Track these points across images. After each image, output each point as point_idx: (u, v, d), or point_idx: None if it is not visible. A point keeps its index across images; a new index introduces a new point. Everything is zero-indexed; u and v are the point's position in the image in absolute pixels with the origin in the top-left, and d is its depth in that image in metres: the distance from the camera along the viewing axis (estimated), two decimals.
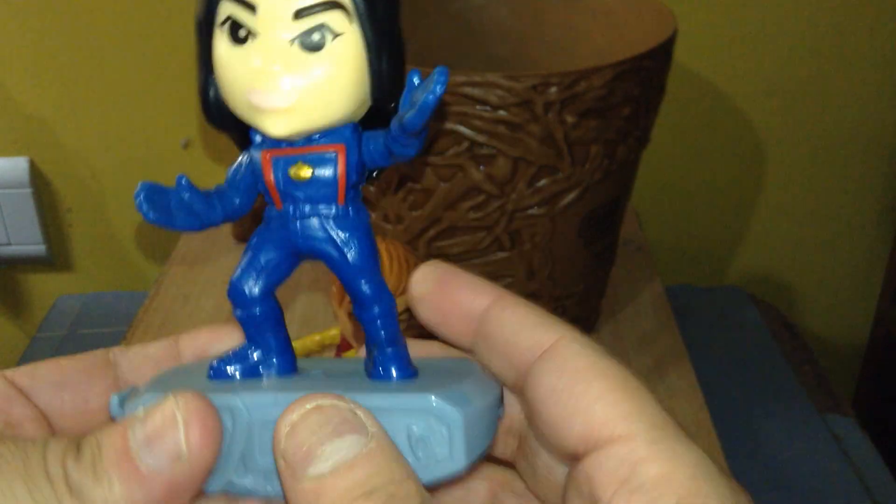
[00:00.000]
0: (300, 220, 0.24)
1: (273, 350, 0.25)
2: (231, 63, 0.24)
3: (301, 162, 0.23)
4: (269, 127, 0.23)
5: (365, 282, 0.24)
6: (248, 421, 0.23)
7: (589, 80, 0.49)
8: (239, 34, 0.23)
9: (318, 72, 0.22)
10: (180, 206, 0.25)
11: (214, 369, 0.25)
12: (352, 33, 0.22)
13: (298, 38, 0.22)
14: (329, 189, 0.23)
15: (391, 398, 0.22)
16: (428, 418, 0.22)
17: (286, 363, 0.25)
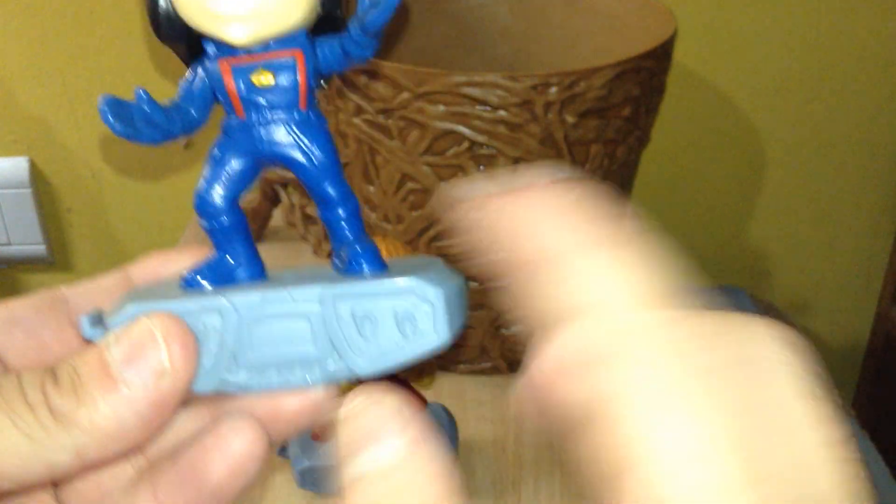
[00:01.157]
0: (264, 127, 0.24)
1: (243, 257, 0.25)
2: None
3: (262, 68, 0.24)
4: (230, 34, 0.23)
5: (329, 184, 0.24)
6: (238, 319, 0.23)
7: (589, 80, 0.49)
8: None
9: None
10: (142, 118, 0.25)
11: (187, 280, 0.25)
12: None
13: None
14: (291, 94, 0.24)
15: (375, 284, 0.23)
16: (411, 297, 0.23)
17: (257, 271, 0.25)
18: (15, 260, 0.90)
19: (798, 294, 0.96)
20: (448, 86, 0.48)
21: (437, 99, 0.48)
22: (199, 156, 0.87)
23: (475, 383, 0.61)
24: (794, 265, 0.94)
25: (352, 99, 0.52)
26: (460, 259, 0.54)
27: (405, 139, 0.51)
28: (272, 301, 0.23)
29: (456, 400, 0.58)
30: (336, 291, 0.23)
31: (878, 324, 0.94)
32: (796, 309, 0.96)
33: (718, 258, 0.94)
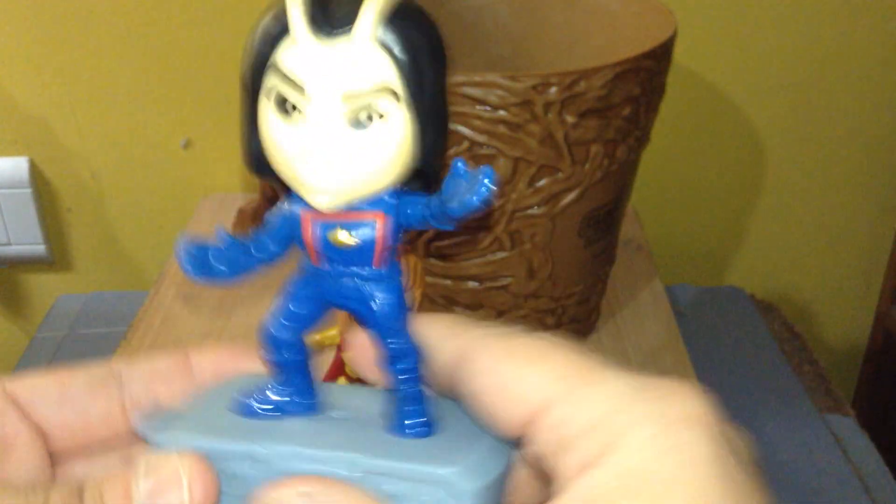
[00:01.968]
0: (336, 279, 0.25)
1: (298, 391, 0.26)
2: (277, 134, 0.23)
3: (341, 227, 0.24)
4: (315, 201, 0.23)
5: (392, 339, 0.25)
6: (268, 469, 0.24)
7: (589, 80, 0.49)
8: (286, 106, 0.23)
9: (365, 152, 0.22)
10: (219, 257, 0.25)
11: (240, 405, 0.26)
12: (399, 113, 0.22)
13: (346, 117, 0.22)
14: (367, 253, 0.24)
15: (410, 465, 0.23)
16: (440, 492, 0.23)
17: (311, 405, 0.26)
18: (15, 260, 0.90)
19: (798, 294, 0.96)
20: (448, 86, 0.48)
21: None
22: (201, 156, 0.87)
23: None
24: (794, 265, 0.94)
25: None
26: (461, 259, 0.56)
27: None
28: (305, 458, 0.23)
29: None
30: (369, 464, 0.23)
31: (878, 324, 0.94)
32: (796, 309, 0.96)
33: (718, 258, 0.94)
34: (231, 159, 0.87)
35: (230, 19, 0.80)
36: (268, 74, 0.23)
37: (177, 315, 0.68)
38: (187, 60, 0.82)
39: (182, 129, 0.86)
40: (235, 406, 0.26)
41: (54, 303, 0.82)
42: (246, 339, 0.69)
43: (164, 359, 0.28)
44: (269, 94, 0.23)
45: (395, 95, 0.22)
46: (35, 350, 0.75)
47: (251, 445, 0.24)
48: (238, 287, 0.72)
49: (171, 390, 0.27)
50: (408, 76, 0.22)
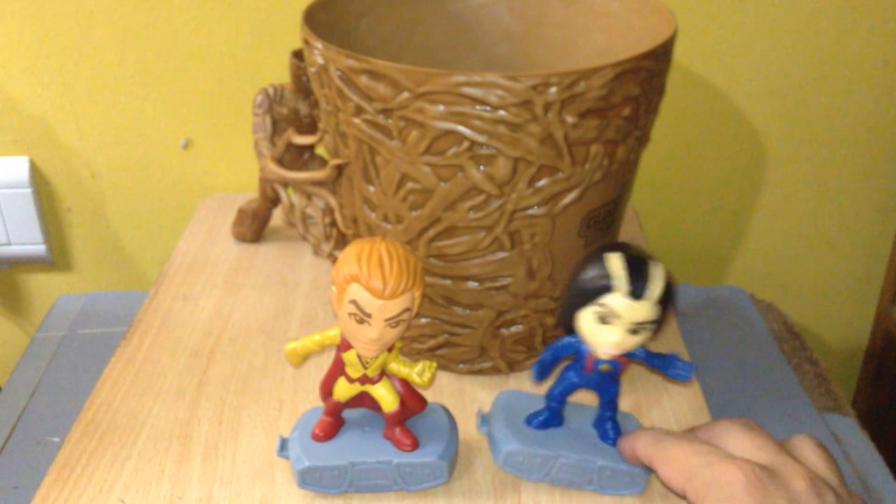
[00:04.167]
0: (595, 381, 0.51)
1: (555, 416, 0.52)
2: (593, 330, 0.47)
3: (605, 364, 0.49)
4: (599, 353, 0.49)
5: (610, 400, 0.51)
6: (548, 462, 0.51)
7: (589, 80, 0.49)
8: (604, 319, 0.46)
9: (632, 341, 0.47)
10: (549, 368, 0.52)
11: (527, 420, 0.53)
12: (651, 327, 0.46)
13: (629, 330, 0.46)
14: (614, 373, 0.50)
15: (614, 464, 0.50)
16: (626, 477, 0.51)
17: (560, 421, 0.52)
18: (15, 260, 0.90)
19: (798, 294, 0.96)
20: (448, 86, 0.48)
21: (437, 99, 0.48)
22: (201, 156, 0.87)
23: (475, 383, 0.61)
24: (794, 265, 0.94)
25: (352, 99, 0.52)
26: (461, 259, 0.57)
27: (405, 139, 0.51)
28: (569, 457, 0.51)
29: (456, 400, 0.58)
30: (599, 462, 0.50)
31: (878, 324, 0.94)
32: (796, 309, 0.96)
33: (718, 258, 0.94)
34: (231, 159, 0.87)
35: (230, 20, 0.80)
36: (594, 304, 0.46)
37: (177, 315, 0.68)
38: (187, 60, 0.82)
39: (182, 129, 0.86)
40: (528, 421, 0.52)
41: (54, 303, 0.82)
42: (244, 340, 0.69)
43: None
44: (595, 312, 0.46)
45: (653, 322, 0.46)
46: (35, 350, 0.75)
47: (547, 449, 0.50)
48: (238, 287, 0.72)
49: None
50: (662, 316, 0.46)
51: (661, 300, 0.45)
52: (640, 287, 0.45)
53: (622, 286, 0.45)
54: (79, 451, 0.54)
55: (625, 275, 0.45)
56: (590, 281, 0.46)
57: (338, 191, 0.60)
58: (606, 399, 0.51)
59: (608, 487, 0.51)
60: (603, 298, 0.45)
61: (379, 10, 0.65)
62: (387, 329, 0.46)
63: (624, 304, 0.45)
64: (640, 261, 0.45)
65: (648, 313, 0.46)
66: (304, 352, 0.50)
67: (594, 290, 0.46)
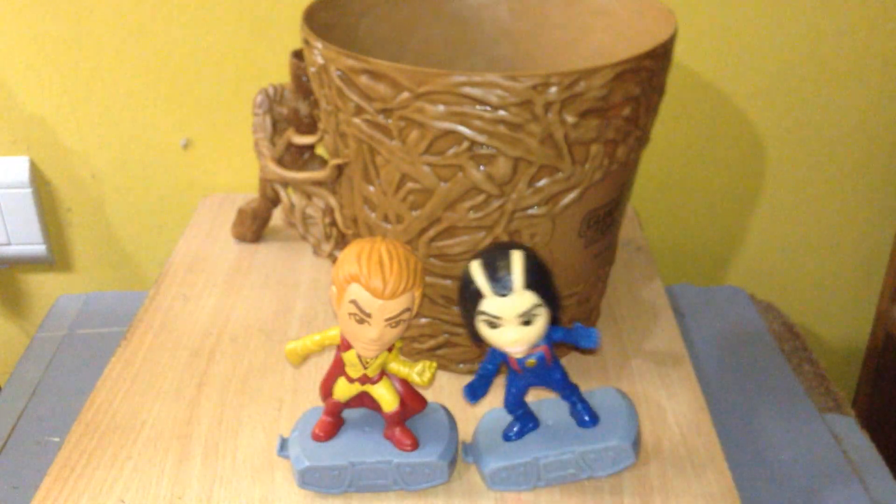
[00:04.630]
0: (530, 377, 0.50)
1: (529, 421, 0.52)
2: (490, 335, 0.47)
3: (530, 358, 0.49)
4: (512, 353, 0.48)
5: (564, 390, 0.51)
6: (534, 464, 0.51)
7: (589, 80, 0.49)
8: (492, 324, 0.46)
9: (533, 332, 0.47)
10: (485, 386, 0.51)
11: (504, 436, 0.53)
12: (543, 310, 0.47)
13: (521, 322, 0.46)
14: (542, 362, 0.49)
15: (594, 444, 0.50)
16: (611, 451, 0.50)
17: (536, 424, 0.52)
18: (15, 260, 0.90)
19: (798, 294, 0.96)
20: (448, 86, 0.48)
21: (437, 99, 0.48)
22: (201, 156, 0.87)
23: None
24: (794, 265, 0.94)
25: (352, 99, 0.52)
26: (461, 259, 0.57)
27: (405, 139, 0.51)
28: (550, 455, 0.51)
29: (456, 400, 0.58)
30: (579, 448, 0.50)
31: (878, 324, 0.94)
32: (796, 309, 0.96)
33: (718, 258, 0.94)
34: (231, 159, 0.87)
35: (230, 20, 0.80)
36: (478, 313, 0.46)
37: (177, 315, 0.68)
38: (187, 60, 0.82)
39: (182, 129, 0.86)
40: (505, 437, 0.51)
41: (54, 303, 0.82)
42: (244, 340, 0.69)
43: None
44: (482, 322, 0.47)
45: (538, 306, 0.46)
46: (35, 350, 0.75)
47: (524, 457, 0.50)
48: (238, 287, 0.72)
49: None
50: (543, 297, 0.46)
51: (530, 285, 0.45)
52: (500, 284, 0.45)
53: (486, 289, 0.45)
54: (79, 451, 0.54)
55: (484, 278, 0.45)
56: (463, 294, 0.47)
57: (338, 191, 0.60)
58: (558, 387, 0.50)
59: (599, 469, 0.50)
60: (480, 307, 0.46)
61: (379, 10, 0.65)
62: (387, 329, 0.46)
63: (496, 304, 0.46)
64: (496, 257, 0.46)
65: (525, 302, 0.46)
66: (304, 352, 0.50)
67: (470, 301, 0.46)
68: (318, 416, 0.52)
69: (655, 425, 0.57)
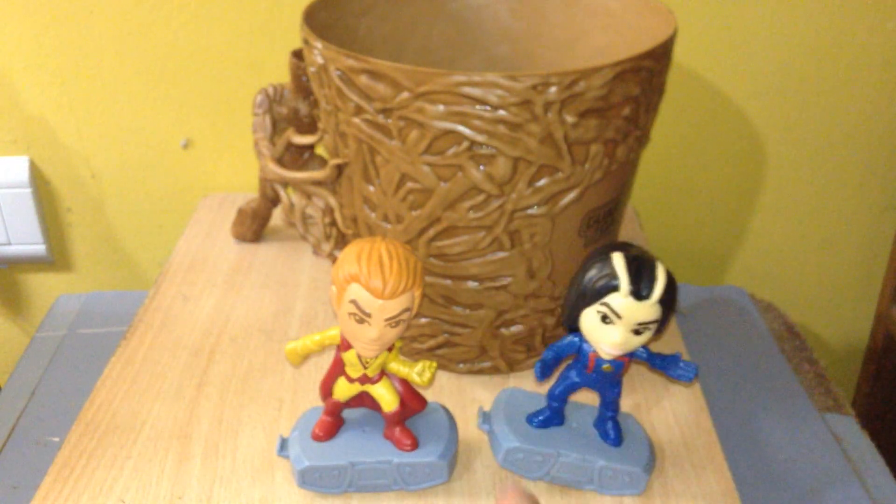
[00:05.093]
0: (598, 380, 0.51)
1: (557, 416, 0.53)
2: (596, 328, 0.47)
3: (608, 364, 0.50)
4: (602, 353, 0.48)
5: (611, 401, 0.52)
6: (548, 459, 0.51)
7: (589, 80, 0.49)
8: (605, 320, 0.46)
9: (635, 341, 0.47)
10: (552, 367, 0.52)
11: (528, 419, 0.53)
12: (653, 327, 0.47)
13: (632, 330, 0.47)
14: (617, 372, 0.50)
15: (615, 464, 0.50)
16: (626, 476, 0.51)
17: (561, 420, 0.53)
18: (15, 260, 0.90)
19: (798, 294, 0.96)
20: (448, 86, 0.48)
21: (437, 99, 0.48)
22: (201, 156, 0.87)
23: (475, 383, 0.61)
24: (794, 265, 0.94)
25: (352, 99, 0.52)
26: (461, 258, 0.57)
27: (405, 139, 0.51)
28: (570, 456, 0.51)
29: (456, 400, 0.58)
30: (598, 461, 0.50)
31: (878, 324, 0.94)
32: (796, 309, 0.96)
33: (718, 258, 0.94)
34: (231, 159, 0.87)
35: (230, 20, 0.80)
36: (598, 303, 0.46)
37: (177, 315, 0.68)
38: (187, 60, 0.82)
39: (182, 129, 0.86)
40: (529, 420, 0.52)
41: (54, 303, 0.82)
42: (244, 340, 0.69)
43: None
44: (598, 312, 0.46)
45: (655, 322, 0.47)
46: (35, 350, 0.75)
47: (546, 448, 0.51)
48: (238, 287, 0.72)
49: None
50: (664, 316, 0.47)
51: (662, 300, 0.46)
52: (642, 287, 0.45)
53: (625, 286, 0.45)
54: (79, 451, 0.54)
55: (627, 275, 0.45)
56: (593, 280, 0.46)
57: (338, 191, 0.60)
58: (608, 399, 0.51)
59: (608, 487, 0.51)
60: (606, 298, 0.46)
61: (379, 10, 0.65)
62: (387, 329, 0.46)
63: (626, 304, 0.45)
64: (643, 261, 0.46)
65: (650, 313, 0.46)
66: (304, 352, 0.50)
67: (597, 290, 0.46)
68: (318, 416, 0.52)
69: (656, 425, 0.57)
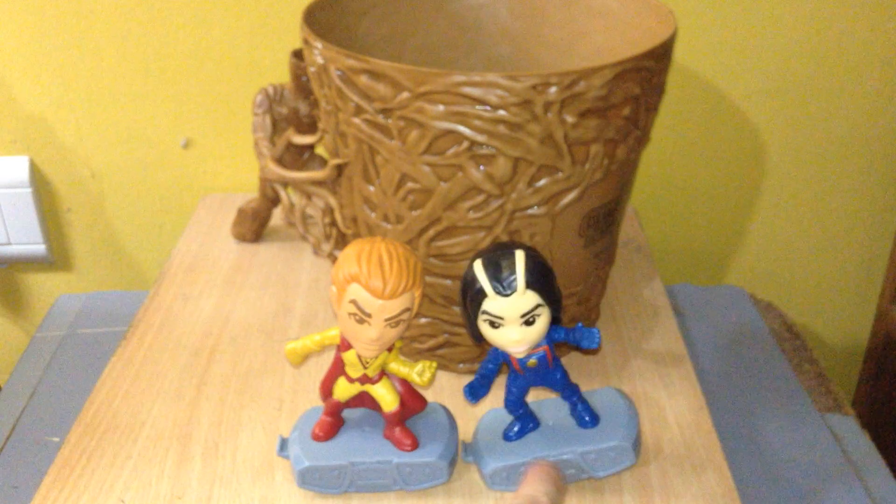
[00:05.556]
0: (531, 377, 0.50)
1: (530, 421, 0.52)
2: (491, 334, 0.47)
3: (532, 359, 0.49)
4: (514, 353, 0.48)
5: (565, 390, 0.51)
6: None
7: (589, 80, 0.49)
8: (494, 324, 0.47)
9: (534, 332, 0.47)
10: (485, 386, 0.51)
11: (505, 436, 0.52)
12: (545, 310, 0.47)
13: (523, 322, 0.47)
14: (544, 362, 0.49)
15: (595, 445, 0.50)
16: (612, 451, 0.50)
17: (536, 424, 0.52)
18: (15, 260, 0.90)
19: (798, 294, 0.96)
20: (448, 86, 0.48)
21: (437, 99, 0.48)
22: (201, 156, 0.87)
23: None
24: (794, 265, 0.94)
25: (352, 99, 0.52)
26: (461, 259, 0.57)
27: (405, 139, 0.51)
28: (552, 455, 0.50)
29: (456, 400, 0.58)
30: (580, 448, 0.50)
31: (878, 324, 0.94)
32: (796, 308, 0.96)
33: (718, 258, 0.94)
34: (231, 159, 0.87)
35: (230, 20, 0.80)
36: (481, 312, 0.47)
37: (177, 315, 0.68)
38: (187, 60, 0.82)
39: (182, 129, 0.86)
40: (505, 437, 0.51)
41: (54, 303, 0.82)
42: (244, 340, 0.69)
43: None
44: (484, 321, 0.47)
45: (540, 306, 0.46)
46: (35, 350, 0.75)
47: (524, 457, 0.50)
48: (238, 287, 0.72)
49: None
50: (545, 297, 0.46)
51: (532, 286, 0.45)
52: (503, 284, 0.46)
53: (489, 289, 0.46)
54: (79, 451, 0.54)
55: (486, 277, 0.46)
56: (466, 293, 0.47)
57: (338, 191, 0.60)
58: (559, 387, 0.51)
59: (599, 469, 0.50)
60: (482, 306, 0.46)
61: (379, 10, 0.65)
62: (387, 329, 0.46)
63: (498, 304, 0.46)
64: (500, 257, 0.46)
65: (527, 303, 0.46)
66: (304, 352, 0.50)
67: (472, 301, 0.47)
68: (318, 416, 0.52)
69: (655, 425, 0.57)
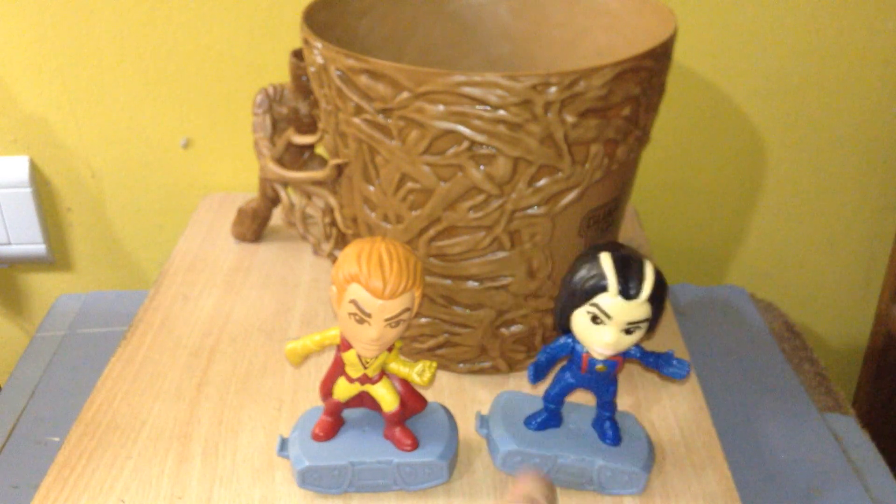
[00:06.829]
0: (592, 380, 0.51)
1: (554, 417, 0.52)
2: (587, 329, 0.47)
3: (601, 364, 0.49)
4: (594, 353, 0.49)
5: (607, 401, 0.51)
6: (548, 459, 0.51)
7: (589, 80, 0.49)
8: (596, 320, 0.46)
9: (626, 340, 0.47)
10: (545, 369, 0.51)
11: (526, 421, 0.53)
12: (644, 324, 0.47)
13: (623, 329, 0.46)
14: (610, 372, 0.50)
15: (615, 463, 0.50)
16: (625, 476, 0.50)
17: (558, 422, 0.53)
18: (15, 260, 0.90)
19: (798, 294, 0.96)
20: (448, 86, 0.48)
21: (437, 99, 0.48)
22: (201, 156, 0.87)
23: (475, 383, 0.61)
24: (794, 265, 0.94)
25: (352, 99, 0.52)
26: (461, 258, 0.57)
27: (405, 139, 0.51)
28: (567, 457, 0.51)
29: (456, 400, 0.58)
30: (598, 461, 0.50)
31: (878, 324, 0.94)
32: (796, 308, 0.96)
33: (718, 258, 0.94)
34: (231, 159, 0.87)
35: (230, 20, 0.80)
36: (588, 304, 0.46)
37: (177, 315, 0.68)
38: (187, 60, 0.82)
39: (182, 129, 0.86)
40: (526, 422, 0.52)
41: (54, 303, 0.82)
42: (244, 340, 0.69)
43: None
44: (587, 313, 0.46)
45: (646, 321, 0.46)
46: (35, 350, 0.75)
47: (544, 450, 0.51)
48: (238, 287, 0.72)
49: None
50: (654, 315, 0.47)
51: (652, 299, 0.46)
52: (630, 286, 0.45)
53: (613, 286, 0.45)
54: (79, 451, 0.54)
55: (615, 274, 0.45)
56: (582, 281, 0.46)
57: (338, 190, 0.60)
58: (604, 399, 0.51)
59: (608, 487, 0.51)
60: (595, 299, 0.46)
61: (379, 10, 0.65)
62: (387, 329, 0.46)
63: (616, 303, 0.46)
64: (631, 260, 0.46)
65: (640, 312, 0.46)
66: (304, 352, 0.50)
67: (586, 291, 0.46)
68: (318, 416, 0.52)
69: (655, 425, 0.57)
